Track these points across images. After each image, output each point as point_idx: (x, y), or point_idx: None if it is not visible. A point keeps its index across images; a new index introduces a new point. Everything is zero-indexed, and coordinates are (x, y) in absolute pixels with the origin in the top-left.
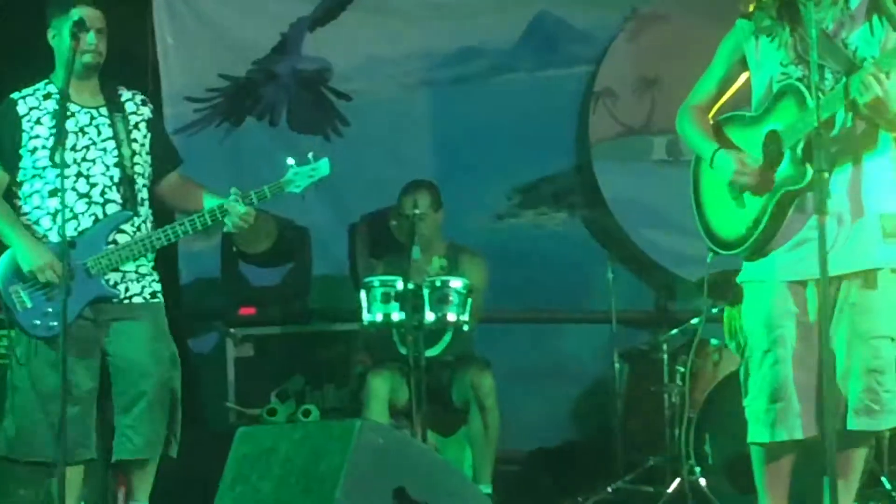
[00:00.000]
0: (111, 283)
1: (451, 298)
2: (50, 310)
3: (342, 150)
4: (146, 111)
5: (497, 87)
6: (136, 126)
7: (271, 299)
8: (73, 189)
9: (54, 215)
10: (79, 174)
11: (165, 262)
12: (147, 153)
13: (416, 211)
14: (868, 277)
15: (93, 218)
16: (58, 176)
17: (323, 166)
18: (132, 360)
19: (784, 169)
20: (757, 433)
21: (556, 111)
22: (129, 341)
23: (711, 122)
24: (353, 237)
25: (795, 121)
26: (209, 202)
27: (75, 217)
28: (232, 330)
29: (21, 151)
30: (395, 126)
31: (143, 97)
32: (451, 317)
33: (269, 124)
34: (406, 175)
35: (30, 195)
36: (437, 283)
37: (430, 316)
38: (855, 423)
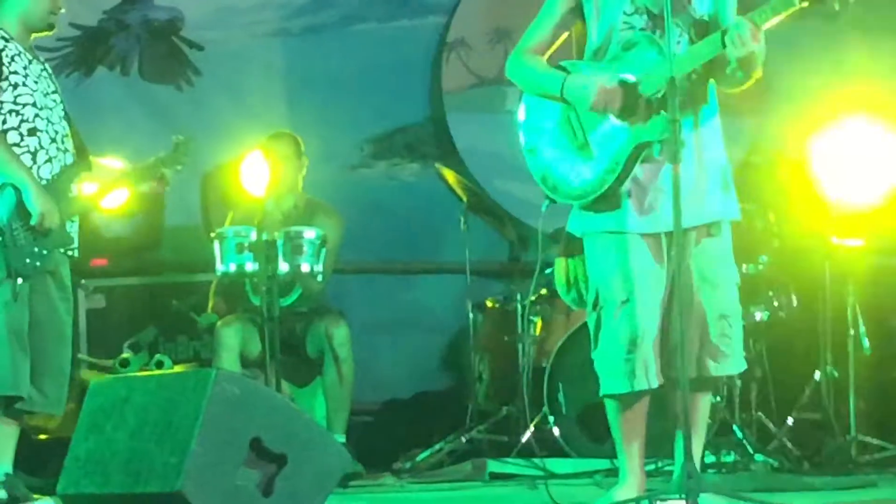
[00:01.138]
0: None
1: (304, 249)
2: (36, 250)
3: (194, 100)
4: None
5: (349, 37)
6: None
7: (123, 250)
8: (46, 132)
9: (34, 154)
10: (48, 120)
11: None
12: None
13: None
14: (712, 228)
15: (60, 164)
16: (36, 116)
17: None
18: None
19: (640, 119)
20: (614, 385)
21: (408, 62)
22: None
23: None
24: (205, 188)
25: (651, 71)
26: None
27: (50, 161)
28: (83, 281)
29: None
30: (248, 76)
31: None
32: (305, 267)
33: (121, 74)
34: (258, 125)
35: (5, 131)
36: (291, 234)
37: (283, 266)
38: (708, 369)
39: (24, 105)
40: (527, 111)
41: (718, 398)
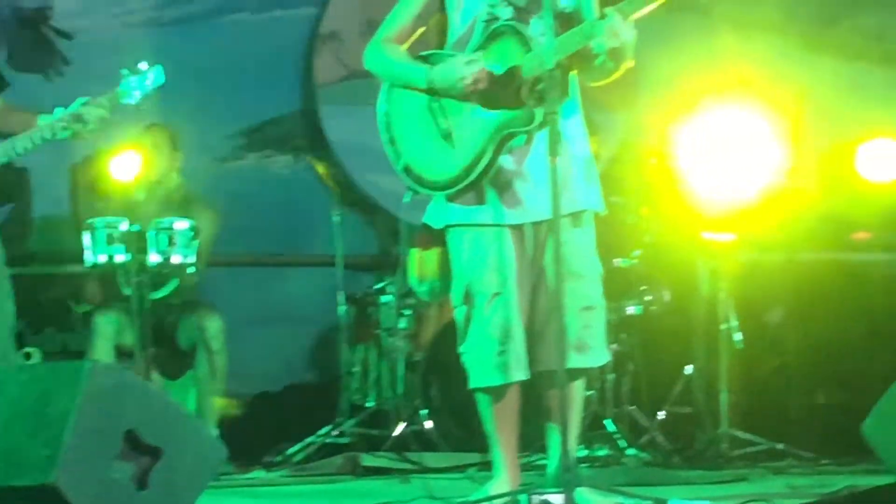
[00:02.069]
0: None
1: (176, 240)
2: None
3: (63, 89)
4: None
5: (221, 27)
6: None
7: None
8: None
9: None
10: None
11: None
12: None
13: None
14: (576, 219)
15: None
16: None
17: (158, 74)
18: None
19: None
20: (486, 377)
21: (281, 54)
22: None
23: None
24: (75, 178)
25: (518, 62)
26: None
27: None
28: None
29: None
30: (118, 66)
31: None
32: (176, 258)
33: None
34: (127, 116)
35: None
36: (163, 225)
37: (154, 258)
38: (572, 361)
39: None
40: (388, 101)
41: (591, 392)
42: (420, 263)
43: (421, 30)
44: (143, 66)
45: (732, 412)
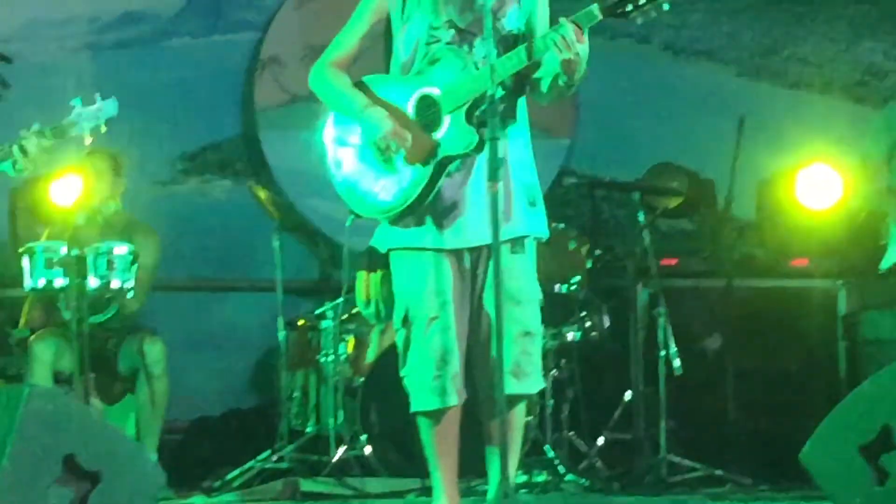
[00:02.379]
0: None
1: (115, 265)
2: None
3: (3, 113)
4: None
5: (162, 52)
6: None
7: None
8: None
9: None
10: None
11: None
12: None
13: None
14: (516, 245)
15: None
16: None
17: (110, 107)
18: None
19: (446, 133)
20: (425, 401)
21: (221, 78)
22: None
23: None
24: (14, 201)
25: (457, 85)
26: None
27: None
28: None
29: None
30: (58, 90)
31: None
32: (116, 283)
33: None
34: (69, 140)
35: None
36: (102, 249)
37: (93, 282)
38: (509, 387)
39: None
40: (334, 124)
41: (530, 417)
42: (366, 286)
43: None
44: (96, 97)
45: (671, 438)
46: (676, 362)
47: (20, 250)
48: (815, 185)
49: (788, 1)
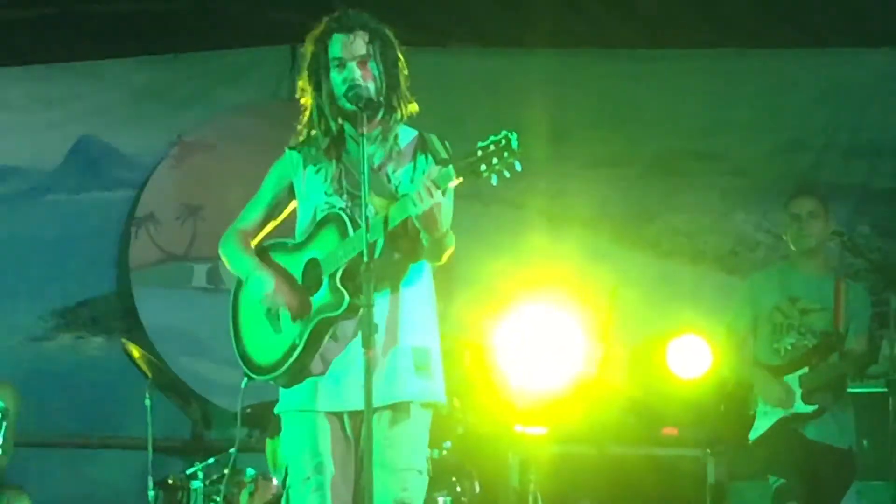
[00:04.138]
0: None
1: None
2: None
3: None
4: None
5: (38, 207)
6: None
7: None
8: None
9: None
10: None
11: None
12: None
13: None
14: (398, 409)
15: None
16: None
17: None
18: None
19: (322, 296)
20: None
21: (96, 235)
22: None
23: (255, 246)
24: None
25: (335, 248)
26: None
27: None
28: None
29: None
30: None
31: None
32: None
33: None
34: None
35: None
36: None
37: None
38: None
39: None
40: (238, 287)
41: None
42: (272, 452)
43: (283, 215)
44: None
45: None
46: None
47: None
48: (685, 355)
49: (662, 171)
